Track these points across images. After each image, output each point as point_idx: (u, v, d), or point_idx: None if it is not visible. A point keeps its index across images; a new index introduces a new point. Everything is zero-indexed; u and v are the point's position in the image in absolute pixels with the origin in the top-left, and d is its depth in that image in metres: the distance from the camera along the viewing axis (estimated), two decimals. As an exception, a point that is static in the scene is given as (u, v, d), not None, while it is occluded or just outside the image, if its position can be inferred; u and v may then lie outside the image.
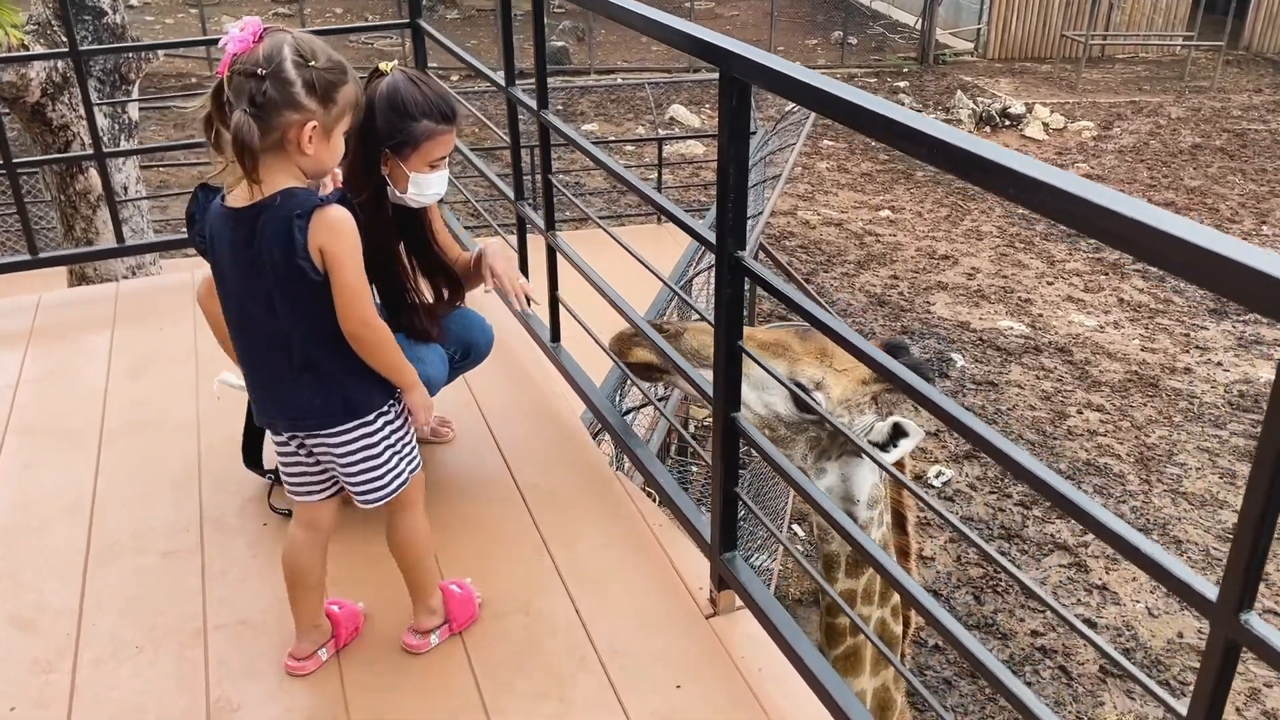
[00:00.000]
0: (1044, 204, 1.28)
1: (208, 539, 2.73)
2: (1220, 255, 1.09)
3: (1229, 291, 1.09)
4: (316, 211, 1.95)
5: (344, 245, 1.98)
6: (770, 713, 2.18)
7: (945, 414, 1.57)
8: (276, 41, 1.93)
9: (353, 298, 2.02)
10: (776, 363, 2.63)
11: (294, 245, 1.95)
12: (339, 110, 1.99)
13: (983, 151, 1.37)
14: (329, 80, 1.95)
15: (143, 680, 2.30)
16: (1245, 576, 1.18)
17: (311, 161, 2.00)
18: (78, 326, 3.84)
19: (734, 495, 2.31)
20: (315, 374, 2.09)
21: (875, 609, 3.05)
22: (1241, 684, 6.57)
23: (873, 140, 1.81)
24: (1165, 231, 1.13)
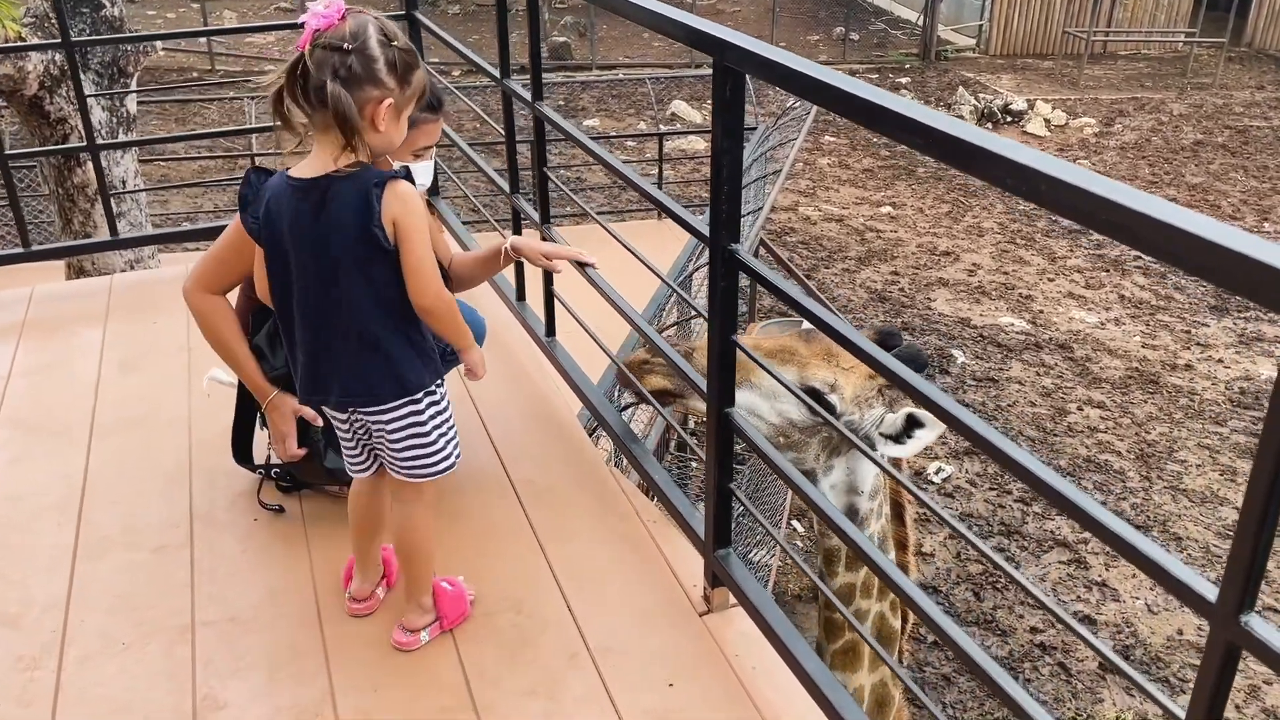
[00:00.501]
0: (1040, 193, 1.25)
1: (198, 535, 2.71)
2: (1217, 244, 1.06)
3: (1226, 281, 1.06)
4: (390, 183, 2.00)
5: (416, 218, 2.03)
6: (763, 710, 2.15)
7: (938, 406, 1.54)
8: (361, 20, 1.97)
9: (426, 271, 2.06)
10: (786, 369, 2.61)
11: (370, 213, 1.99)
12: (412, 91, 2.03)
13: (977, 140, 1.34)
14: (407, 61, 2.00)
15: (129, 677, 2.28)
16: (1246, 577, 1.16)
17: (381, 139, 2.02)
18: (70, 320, 3.82)
19: (728, 491, 2.28)
20: (373, 349, 2.11)
21: (874, 603, 3.03)
22: (1241, 681, 6.54)
23: (866, 129, 1.78)
24: (1161, 220, 1.10)
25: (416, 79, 2.03)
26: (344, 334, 2.11)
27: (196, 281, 2.66)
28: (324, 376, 2.17)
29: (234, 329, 2.67)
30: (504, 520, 2.74)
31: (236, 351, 2.66)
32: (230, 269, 2.66)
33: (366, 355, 2.11)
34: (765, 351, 2.61)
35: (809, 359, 2.66)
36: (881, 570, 1.78)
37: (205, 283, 2.65)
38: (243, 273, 2.68)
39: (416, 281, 2.06)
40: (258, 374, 2.67)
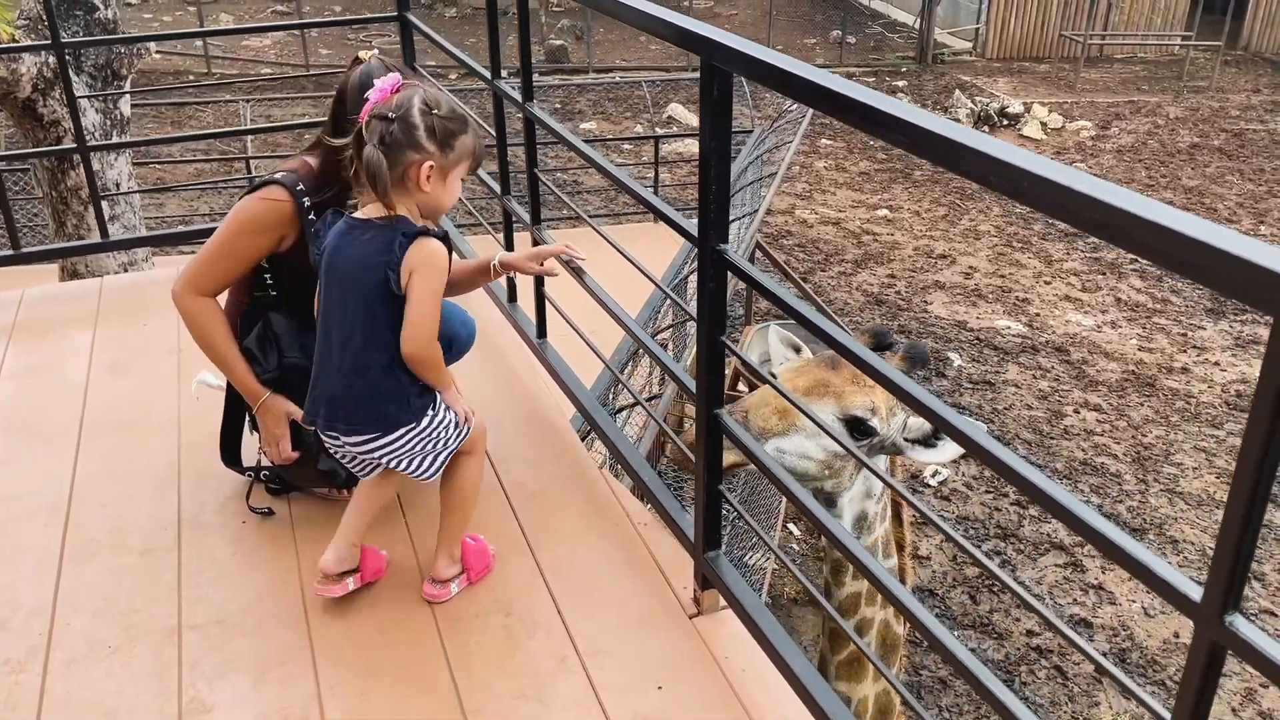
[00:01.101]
0: (1022, 190, 1.24)
1: (186, 538, 2.69)
2: (1200, 241, 1.05)
3: (1208, 278, 1.06)
4: (420, 237, 2.20)
5: (430, 273, 2.21)
6: (753, 713, 2.14)
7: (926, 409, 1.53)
8: (408, 93, 2.21)
9: (422, 322, 2.22)
10: (824, 404, 2.67)
11: (391, 257, 2.19)
12: (456, 155, 2.23)
13: (960, 138, 1.33)
14: (448, 128, 2.21)
15: (115, 681, 2.26)
16: (1230, 577, 1.15)
17: (428, 199, 2.25)
18: (61, 322, 3.80)
19: (718, 494, 2.27)
20: (364, 382, 2.27)
21: (879, 610, 3.02)
22: (1238, 684, 6.54)
23: (853, 128, 1.78)
24: (1143, 217, 1.10)
25: (461, 144, 2.23)
26: (342, 364, 2.27)
27: (186, 284, 2.65)
28: (318, 399, 2.34)
29: (224, 331, 2.66)
30: (494, 522, 2.73)
31: (227, 354, 2.66)
32: (220, 271, 2.65)
33: (357, 387, 2.28)
34: (801, 390, 2.65)
35: (843, 388, 2.70)
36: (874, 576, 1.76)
37: (195, 285, 2.65)
38: (233, 275, 2.68)
39: (410, 329, 2.22)
40: (249, 376, 2.66)
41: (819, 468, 2.70)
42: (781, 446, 2.66)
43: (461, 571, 2.49)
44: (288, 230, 2.61)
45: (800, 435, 2.65)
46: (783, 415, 2.65)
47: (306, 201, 2.59)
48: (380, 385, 2.26)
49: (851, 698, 3.09)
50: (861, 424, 2.68)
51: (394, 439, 2.31)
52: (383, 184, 2.18)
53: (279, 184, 2.59)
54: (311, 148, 2.72)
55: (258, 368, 2.66)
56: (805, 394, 2.66)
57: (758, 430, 2.62)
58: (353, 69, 2.59)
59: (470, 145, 2.26)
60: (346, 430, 2.31)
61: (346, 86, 2.58)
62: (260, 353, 2.67)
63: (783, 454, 2.65)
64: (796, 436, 2.65)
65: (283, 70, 17.39)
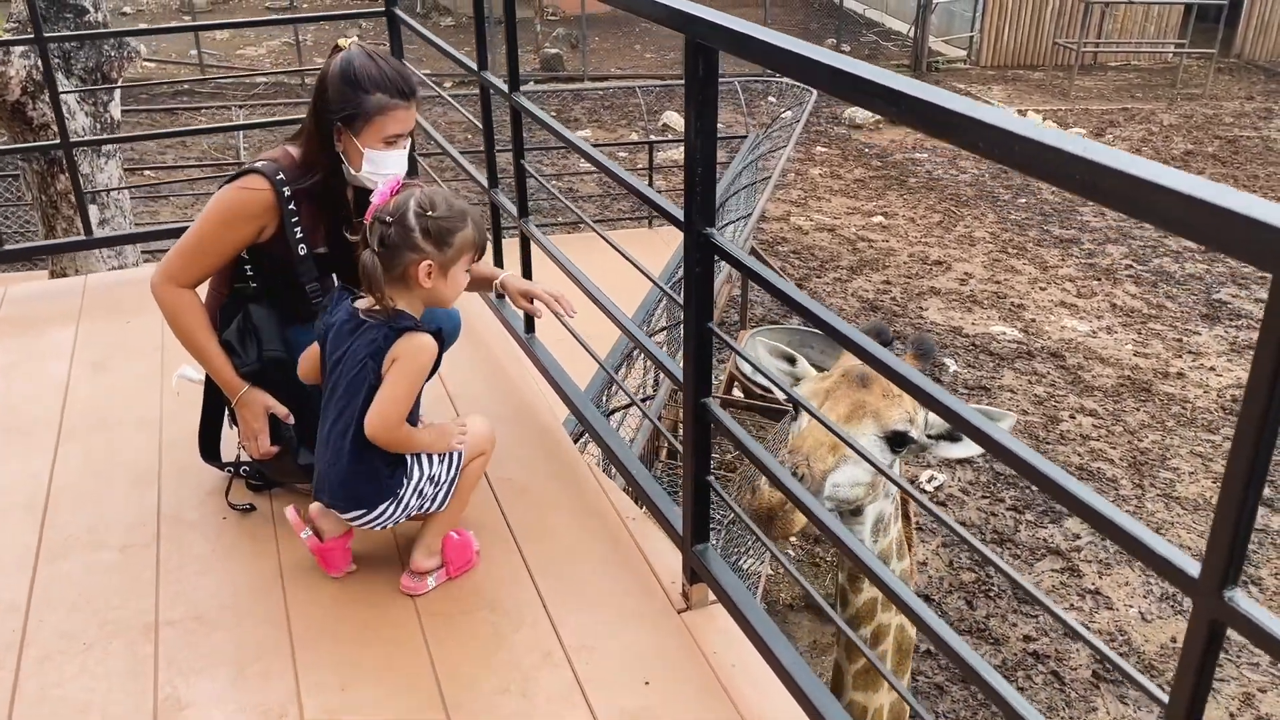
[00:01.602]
0: (1013, 154, 1.20)
1: (165, 534, 2.64)
2: (1194, 198, 1.01)
3: (1204, 236, 1.02)
4: (410, 332, 2.28)
5: (410, 364, 2.27)
6: (742, 709, 2.09)
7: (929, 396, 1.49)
8: (405, 196, 2.29)
9: (390, 405, 2.26)
10: (864, 425, 2.61)
11: (376, 345, 2.27)
12: (454, 252, 2.29)
13: (949, 104, 1.30)
14: (443, 227, 2.26)
15: (89, 677, 2.21)
16: (1229, 551, 1.10)
17: (430, 294, 2.33)
18: (43, 320, 3.75)
19: (707, 484, 2.22)
20: (338, 465, 2.33)
21: (894, 615, 2.95)
22: (1235, 689, 6.49)
23: (843, 100, 1.73)
24: (1135, 176, 1.06)
25: (460, 240, 2.29)
26: (326, 448, 2.35)
27: (165, 275, 2.61)
28: (321, 475, 2.40)
29: (203, 323, 2.62)
30: (480, 518, 2.68)
31: (205, 346, 2.61)
32: (200, 262, 2.61)
33: (335, 470, 2.34)
34: (842, 418, 2.59)
35: (879, 405, 2.64)
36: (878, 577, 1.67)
37: (174, 276, 2.60)
38: (212, 267, 2.64)
39: (376, 408, 2.27)
40: (228, 369, 2.62)
41: (867, 490, 2.65)
42: (836, 481, 2.58)
43: (440, 565, 2.48)
44: (268, 220, 2.57)
45: (850, 464, 2.58)
46: (835, 449, 2.57)
47: (287, 191, 2.55)
48: (351, 469, 2.32)
49: (868, 707, 3.03)
50: (902, 436, 2.63)
51: (380, 513, 2.37)
52: (377, 286, 2.26)
53: (259, 173, 2.55)
54: (294, 137, 2.68)
55: (237, 361, 2.62)
56: (846, 420, 2.59)
57: (820, 474, 2.51)
58: (333, 56, 2.55)
59: (470, 238, 2.32)
60: (341, 509, 2.38)
61: (327, 74, 2.54)
62: (240, 345, 2.62)
63: (837, 488, 2.58)
64: (850, 466, 2.58)
65: (277, 80, 17.36)
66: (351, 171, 2.58)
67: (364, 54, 2.52)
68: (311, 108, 2.58)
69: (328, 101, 2.51)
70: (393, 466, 2.35)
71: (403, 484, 2.37)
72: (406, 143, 2.60)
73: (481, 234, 2.37)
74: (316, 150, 2.56)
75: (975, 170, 14.71)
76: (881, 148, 15.52)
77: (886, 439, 2.63)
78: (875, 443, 2.62)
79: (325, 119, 2.53)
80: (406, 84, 2.53)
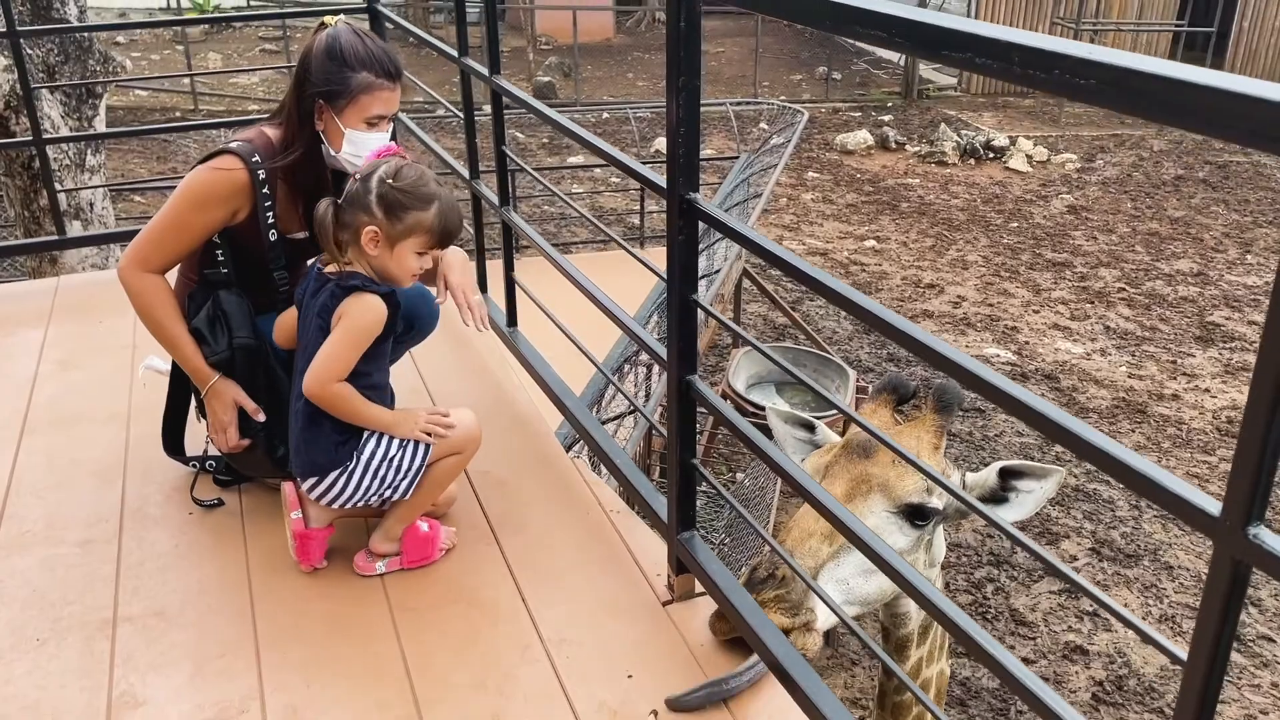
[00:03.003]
0: (1013, 65, 1.12)
1: (127, 529, 2.53)
2: (1220, 89, 0.92)
3: (1211, 126, 0.93)
4: (359, 291, 2.24)
5: (355, 322, 2.23)
6: (730, 703, 1.98)
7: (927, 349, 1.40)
8: (384, 161, 2.27)
9: (328, 362, 2.23)
10: (871, 502, 2.26)
11: (324, 303, 2.26)
12: (403, 228, 2.23)
13: (943, 23, 1.21)
14: (400, 200, 2.22)
15: (41, 674, 2.09)
16: (1253, 486, 1.01)
17: (377, 264, 2.27)
18: (12, 319, 3.64)
19: (691, 468, 2.12)
20: (295, 429, 2.33)
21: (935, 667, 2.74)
22: (1238, 711, 6.36)
23: (830, 33, 1.65)
24: (1145, 71, 0.97)
25: (412, 219, 2.22)
26: (293, 402, 2.35)
27: (132, 260, 2.51)
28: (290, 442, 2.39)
29: (171, 309, 2.52)
30: (458, 510, 2.58)
31: (173, 333, 2.51)
32: (169, 246, 2.51)
33: (293, 434, 2.34)
34: (841, 496, 2.25)
35: (886, 475, 2.28)
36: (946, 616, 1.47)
37: (142, 261, 2.51)
38: (182, 251, 2.54)
39: (314, 365, 2.24)
40: (197, 357, 2.51)
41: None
42: (839, 575, 2.21)
43: (397, 553, 2.42)
44: (241, 202, 2.47)
45: (856, 552, 2.17)
46: (831, 539, 2.20)
47: (262, 173, 2.46)
48: (304, 432, 2.30)
49: None
50: (920, 509, 2.26)
51: (331, 484, 2.31)
52: (325, 236, 2.26)
53: (233, 153, 2.46)
54: (272, 116, 2.60)
55: (207, 349, 2.51)
56: (847, 499, 2.24)
57: (811, 570, 2.14)
58: (318, 33, 2.47)
59: (426, 223, 2.25)
60: (299, 474, 2.36)
61: (312, 50, 2.46)
62: (210, 333, 2.52)
63: (847, 585, 2.20)
64: (852, 556, 2.19)
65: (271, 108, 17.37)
66: (331, 152, 2.49)
67: (351, 31, 2.44)
68: (293, 84, 2.49)
69: (310, 76, 2.42)
70: (344, 435, 2.29)
71: (352, 457, 2.30)
72: (389, 127, 2.52)
73: (445, 224, 2.28)
74: (295, 128, 2.47)
75: (967, 195, 14.73)
76: (873, 173, 15.54)
77: (902, 513, 2.27)
78: (889, 520, 2.26)
79: (307, 95, 2.44)
80: (393, 64, 2.45)
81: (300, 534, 2.37)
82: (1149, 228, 13.57)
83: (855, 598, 2.19)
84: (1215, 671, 1.08)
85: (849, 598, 2.17)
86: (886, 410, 2.45)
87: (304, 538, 2.37)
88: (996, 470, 2.28)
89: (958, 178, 15.20)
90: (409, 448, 2.33)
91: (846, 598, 2.17)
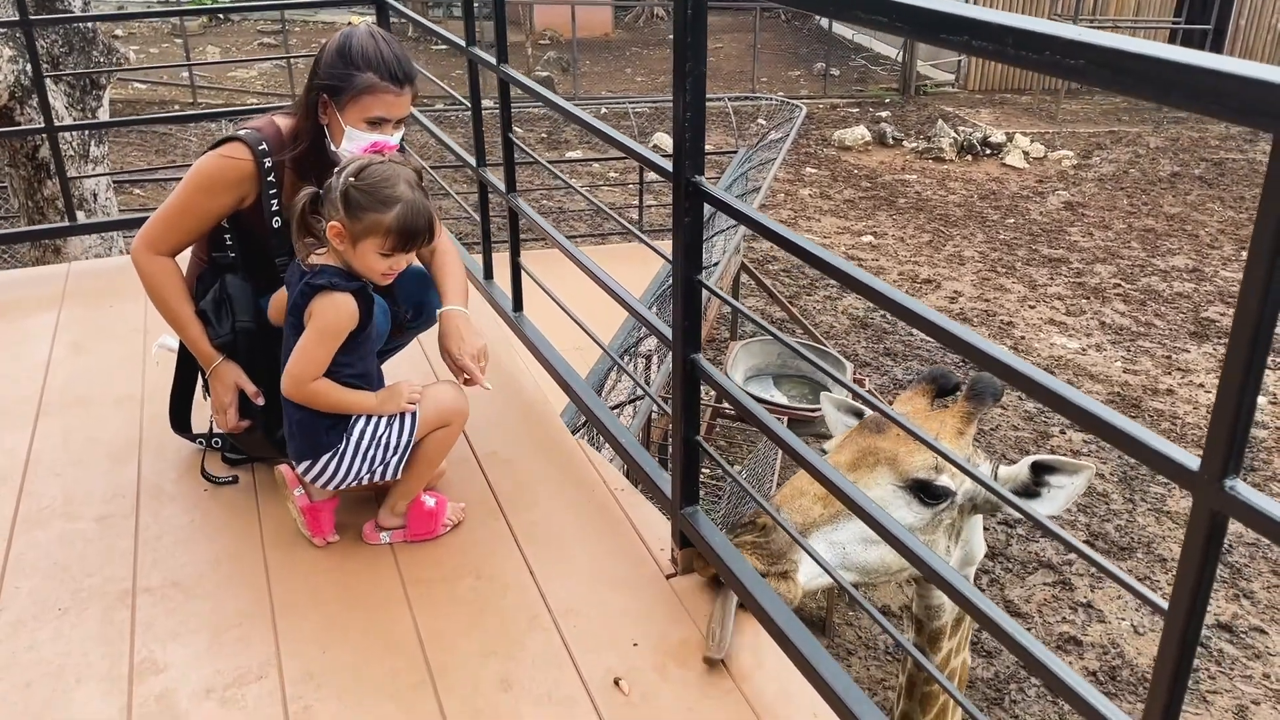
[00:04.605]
0: (1006, 48, 1.19)
1: (144, 505, 2.59)
2: (1201, 68, 0.99)
3: (1210, 104, 1.00)
4: (324, 292, 2.26)
5: (327, 319, 2.26)
6: (733, 669, 2.05)
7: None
8: (361, 157, 2.31)
9: (301, 360, 2.27)
10: (877, 475, 2.29)
11: (296, 303, 2.30)
12: (361, 227, 2.23)
13: (944, 8, 1.28)
14: (359, 199, 2.22)
15: (64, 641, 2.16)
16: (1229, 440, 1.07)
17: (345, 258, 2.29)
18: (25, 304, 3.71)
19: (695, 444, 2.19)
20: (286, 414, 2.38)
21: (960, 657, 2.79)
22: (1229, 701, 6.44)
23: (835, 19, 1.71)
24: (1141, 54, 1.04)
25: (369, 220, 2.22)
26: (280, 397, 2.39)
27: (144, 243, 2.57)
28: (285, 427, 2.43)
29: (180, 291, 2.59)
30: (465, 489, 2.64)
31: (180, 314, 2.58)
32: (179, 230, 2.58)
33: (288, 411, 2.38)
34: (845, 466, 2.29)
35: (895, 450, 2.31)
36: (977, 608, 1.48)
37: (153, 244, 2.57)
38: (192, 235, 2.60)
39: (288, 368, 2.29)
40: (203, 339, 2.58)
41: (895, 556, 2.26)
42: (835, 539, 2.21)
43: (402, 526, 2.48)
44: (248, 189, 2.54)
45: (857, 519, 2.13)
46: (827, 501, 2.22)
47: (268, 161, 2.52)
48: (295, 416, 2.35)
49: None
50: (927, 486, 2.28)
51: (325, 466, 2.36)
52: (294, 221, 2.32)
53: (241, 141, 2.52)
54: (289, 106, 2.66)
55: (211, 331, 2.58)
56: (851, 468, 2.27)
57: (800, 527, 2.17)
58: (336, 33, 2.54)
59: (384, 224, 2.22)
60: (294, 458, 2.40)
61: (327, 45, 2.52)
62: (215, 316, 2.59)
63: (843, 549, 2.22)
64: (852, 523, 2.20)
65: (269, 101, 17.41)
66: (333, 148, 2.55)
67: (368, 33, 2.49)
68: (308, 81, 2.56)
69: (319, 70, 2.49)
70: (333, 419, 2.34)
71: (343, 439, 2.34)
72: (397, 131, 2.56)
73: (405, 228, 2.24)
74: (303, 119, 2.54)
75: (964, 191, 14.79)
76: (871, 169, 15.60)
77: (909, 489, 2.29)
78: (896, 494, 2.27)
79: (313, 87, 2.51)
80: (402, 70, 2.49)
81: (307, 508, 2.44)
82: (1145, 224, 13.64)
83: (852, 564, 2.24)
84: (1194, 619, 1.14)
85: (844, 562, 2.23)
86: (924, 399, 2.48)
87: (311, 511, 2.43)
88: (1029, 464, 2.31)
89: (955, 174, 15.27)
90: (395, 425, 2.37)
91: (841, 562, 2.22)
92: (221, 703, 1.99)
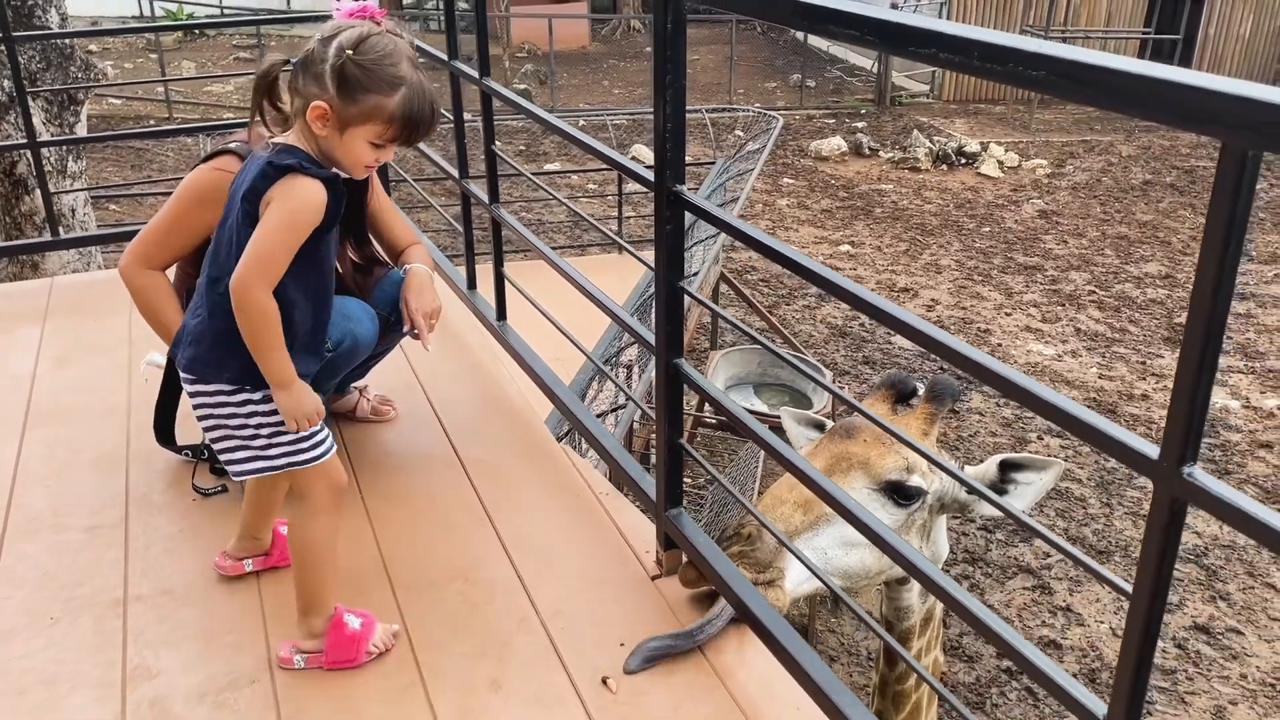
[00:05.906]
0: (973, 60, 1.24)
1: (132, 515, 2.61)
2: (1155, 79, 1.05)
3: (1162, 112, 1.06)
4: (292, 173, 1.91)
5: (287, 208, 1.90)
6: (718, 668, 2.09)
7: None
8: (354, 25, 1.96)
9: (260, 252, 1.90)
10: (851, 478, 2.36)
11: (254, 185, 1.92)
12: (358, 110, 1.93)
13: (913, 22, 1.34)
14: (358, 77, 1.91)
15: (56, 649, 2.18)
16: (1186, 429, 1.13)
17: (324, 146, 1.97)
18: (8, 318, 3.72)
19: (679, 448, 2.23)
20: (203, 317, 2.01)
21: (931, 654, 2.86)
22: (1207, 702, 6.52)
23: (809, 32, 1.77)
24: (1100, 65, 1.10)
25: (371, 102, 1.92)
26: (206, 295, 2.03)
27: (134, 257, 2.60)
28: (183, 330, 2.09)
29: (171, 305, 2.62)
30: (452, 497, 2.68)
31: (172, 329, 2.60)
32: (170, 244, 2.61)
33: (198, 322, 2.03)
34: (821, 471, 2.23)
35: (867, 454, 2.38)
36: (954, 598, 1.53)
37: (144, 259, 2.60)
38: (182, 249, 2.64)
39: (244, 259, 1.90)
40: None
41: (876, 554, 2.32)
42: (816, 545, 2.27)
43: (319, 651, 2.10)
44: None
45: (836, 524, 2.26)
46: (806, 508, 2.28)
47: None
48: (221, 324, 1.96)
49: None
50: (900, 487, 2.35)
51: (209, 392, 2.00)
52: (255, 99, 2.01)
53: (232, 154, 2.56)
54: None
55: None
56: (826, 474, 2.22)
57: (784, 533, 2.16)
58: None
59: (388, 110, 1.93)
60: (184, 365, 2.02)
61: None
62: None
63: (825, 554, 2.28)
64: (836, 526, 2.26)
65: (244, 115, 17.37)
66: None
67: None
68: None
69: None
70: (234, 349, 1.96)
71: (248, 385, 1.99)
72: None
73: (411, 115, 1.96)
74: None
75: (940, 200, 14.94)
76: (847, 179, 15.73)
77: (883, 491, 2.37)
78: (871, 497, 2.35)
79: None
80: None
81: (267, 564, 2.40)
82: (1118, 231, 13.82)
83: (834, 568, 2.31)
84: (1157, 602, 1.20)
85: (827, 567, 2.29)
86: (884, 405, 2.56)
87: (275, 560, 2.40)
88: (996, 462, 2.40)
89: (930, 183, 15.41)
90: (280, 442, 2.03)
91: (825, 567, 2.28)
92: (215, 707, 2.02)
